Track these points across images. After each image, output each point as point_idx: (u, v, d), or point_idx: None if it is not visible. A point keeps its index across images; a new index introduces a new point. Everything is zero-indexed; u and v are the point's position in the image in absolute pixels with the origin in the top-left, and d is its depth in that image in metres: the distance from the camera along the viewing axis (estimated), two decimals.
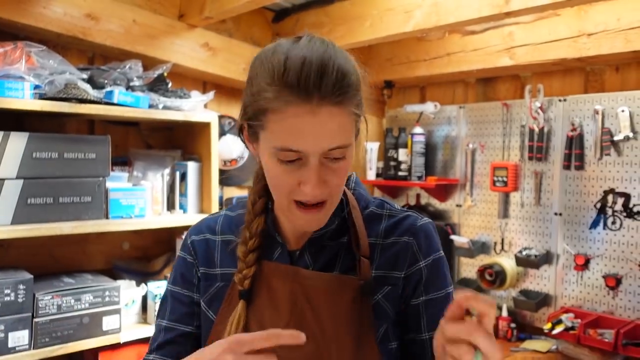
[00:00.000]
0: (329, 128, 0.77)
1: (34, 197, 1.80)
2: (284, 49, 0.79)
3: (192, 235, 1.02)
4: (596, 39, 2.15)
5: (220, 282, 0.97)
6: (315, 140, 0.77)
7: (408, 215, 0.96)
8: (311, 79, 0.75)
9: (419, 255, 0.93)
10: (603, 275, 2.23)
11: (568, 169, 2.34)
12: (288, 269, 0.92)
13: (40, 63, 1.84)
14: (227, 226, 1.01)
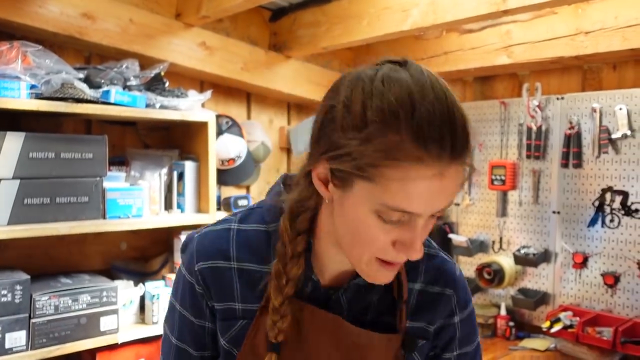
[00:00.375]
0: (451, 189, 0.69)
1: (31, 197, 1.79)
2: (402, 85, 0.67)
3: (200, 262, 0.86)
4: (594, 37, 2.15)
5: (242, 320, 0.85)
6: (435, 203, 0.68)
7: (445, 261, 0.91)
8: (445, 135, 0.65)
9: (456, 310, 0.89)
10: (601, 273, 2.23)
11: (566, 167, 2.33)
12: (328, 319, 0.83)
13: (36, 63, 1.83)
14: (243, 248, 0.86)
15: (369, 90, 0.68)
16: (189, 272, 0.87)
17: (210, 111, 2.26)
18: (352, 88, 0.70)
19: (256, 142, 2.61)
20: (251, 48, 2.58)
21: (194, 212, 2.25)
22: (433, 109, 0.65)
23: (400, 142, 0.65)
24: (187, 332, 0.90)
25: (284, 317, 0.80)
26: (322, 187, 0.75)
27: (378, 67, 0.72)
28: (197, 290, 0.87)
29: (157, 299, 2.05)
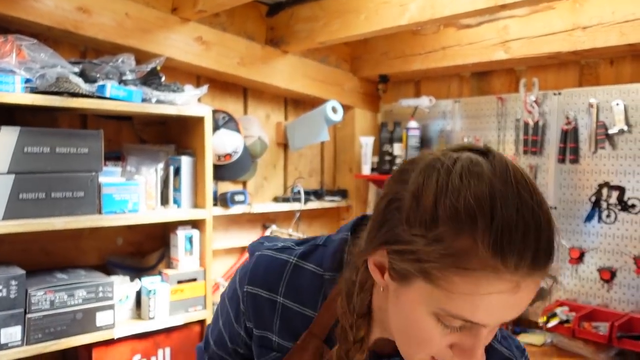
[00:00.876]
0: (525, 302, 0.62)
1: (26, 192, 1.78)
2: (483, 182, 0.60)
3: (249, 286, 0.87)
4: (591, 33, 2.14)
5: (276, 353, 0.86)
6: (505, 316, 0.62)
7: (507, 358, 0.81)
8: (527, 244, 0.58)
9: None
10: (598, 268, 2.24)
11: (563, 163, 2.33)
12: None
13: (31, 56, 1.81)
14: (294, 287, 0.84)
15: (444, 184, 0.61)
16: (239, 286, 0.89)
17: (206, 106, 2.25)
18: (425, 178, 0.63)
19: (253, 138, 2.60)
20: (248, 43, 2.57)
21: (191, 208, 2.24)
22: (516, 214, 0.58)
23: (474, 249, 0.58)
24: (227, 324, 0.94)
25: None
26: (377, 275, 0.70)
27: (457, 154, 0.64)
28: (240, 307, 0.89)
29: (153, 294, 2.05)
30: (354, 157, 3.07)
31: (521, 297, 0.60)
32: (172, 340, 2.12)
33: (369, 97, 3.12)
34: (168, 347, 2.11)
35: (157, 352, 2.08)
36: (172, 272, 2.14)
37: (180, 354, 2.14)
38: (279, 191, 2.92)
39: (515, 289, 0.59)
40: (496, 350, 0.80)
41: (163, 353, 2.10)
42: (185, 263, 2.19)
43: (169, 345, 2.11)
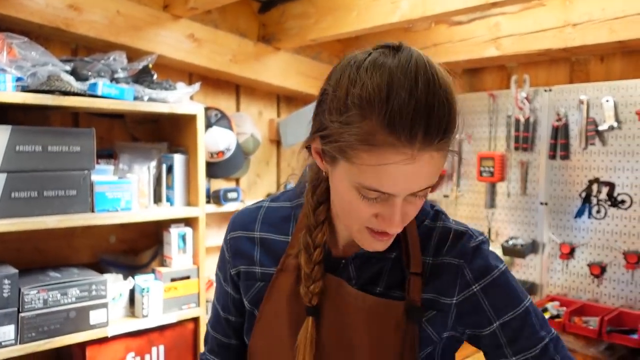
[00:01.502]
0: (425, 173, 0.71)
1: (18, 191, 1.78)
2: (384, 73, 0.70)
3: (231, 233, 1.00)
4: (581, 29, 2.16)
5: (260, 282, 0.94)
6: (408, 185, 0.72)
7: (461, 233, 0.88)
8: (418, 122, 0.67)
9: (471, 279, 0.85)
10: (588, 263, 2.26)
11: (553, 159, 2.35)
12: (332, 280, 0.87)
13: (22, 55, 1.81)
14: (267, 222, 0.97)
15: (354, 77, 0.72)
16: (224, 242, 1.01)
17: (199, 103, 2.25)
18: (341, 73, 0.75)
19: (245, 135, 2.61)
20: (240, 40, 2.57)
21: (183, 205, 2.24)
22: (409, 97, 0.68)
23: (375, 129, 0.69)
24: (219, 293, 1.04)
25: (316, 282, 0.86)
26: (319, 160, 0.82)
27: (371, 51, 0.76)
28: (226, 256, 1.00)
29: (147, 292, 2.05)
30: None
31: (421, 168, 0.70)
32: (166, 338, 2.13)
33: None
34: (162, 344, 2.11)
35: (151, 349, 2.09)
36: (165, 270, 2.15)
37: (174, 351, 2.15)
38: (272, 188, 2.92)
39: (410, 159, 0.69)
40: (448, 228, 0.89)
41: (157, 351, 2.10)
42: (178, 261, 2.19)
43: (163, 343, 2.12)
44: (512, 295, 0.86)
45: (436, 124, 0.68)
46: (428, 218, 0.90)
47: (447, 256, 0.86)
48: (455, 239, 0.87)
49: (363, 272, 0.88)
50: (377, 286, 0.87)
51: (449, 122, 0.70)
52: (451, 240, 0.87)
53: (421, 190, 0.74)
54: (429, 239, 0.88)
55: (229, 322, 1.04)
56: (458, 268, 0.85)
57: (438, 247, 0.87)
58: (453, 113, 0.71)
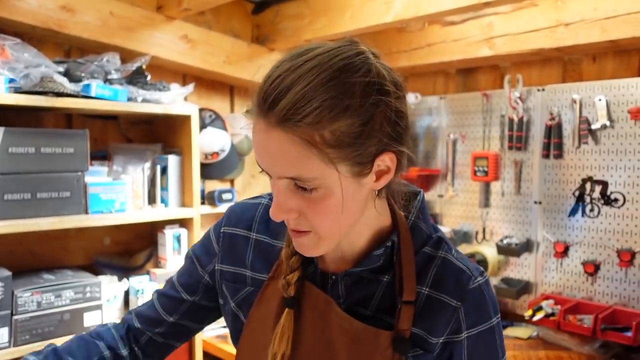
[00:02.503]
0: (275, 152, 0.71)
1: (11, 192, 1.77)
2: (276, 67, 0.74)
3: (226, 226, 0.97)
4: (573, 29, 2.17)
5: (250, 287, 0.93)
6: (268, 161, 0.73)
7: (461, 270, 0.83)
8: (268, 97, 0.70)
9: (463, 324, 0.81)
10: (582, 262, 2.27)
11: (547, 158, 2.36)
12: (320, 297, 0.85)
13: (14, 56, 1.80)
14: (265, 223, 0.94)
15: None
16: (214, 231, 0.99)
17: (193, 104, 2.25)
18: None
19: (240, 136, 2.60)
20: (234, 41, 2.57)
21: (178, 207, 2.24)
22: (268, 77, 0.72)
23: (251, 102, 0.74)
24: (187, 275, 1.01)
25: (293, 272, 0.85)
26: None
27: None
28: (214, 248, 0.98)
29: (141, 294, 2.04)
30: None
31: (270, 144, 0.71)
32: None
33: None
34: None
35: None
36: (160, 272, 2.14)
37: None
38: (266, 189, 2.89)
39: (265, 132, 0.71)
40: (450, 262, 0.84)
41: None
42: (173, 262, 2.19)
43: None
44: (492, 352, 0.85)
45: (283, 104, 0.69)
46: (429, 245, 0.86)
47: (446, 294, 0.82)
48: (456, 276, 0.83)
49: (353, 292, 0.85)
50: (366, 309, 0.84)
51: (300, 108, 0.68)
52: (451, 276, 0.83)
53: (290, 178, 0.72)
54: (427, 268, 0.84)
55: (183, 301, 1.00)
56: (455, 310, 0.81)
57: (437, 280, 0.83)
58: (308, 98, 0.68)
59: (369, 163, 0.74)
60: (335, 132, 0.69)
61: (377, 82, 0.74)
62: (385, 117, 0.74)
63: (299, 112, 0.68)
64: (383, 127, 0.73)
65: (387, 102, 0.74)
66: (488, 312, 0.83)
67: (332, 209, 0.74)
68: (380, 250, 0.83)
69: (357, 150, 0.72)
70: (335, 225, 0.76)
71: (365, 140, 0.72)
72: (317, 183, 0.72)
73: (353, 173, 0.73)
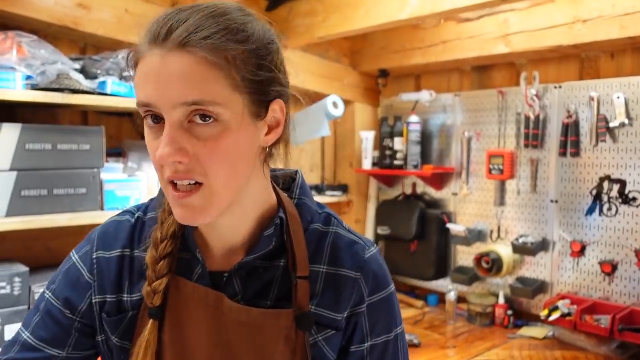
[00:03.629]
0: (178, 74, 0.66)
1: (28, 189, 1.78)
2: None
3: (100, 251, 0.84)
4: (591, 26, 2.14)
5: (131, 312, 0.82)
6: (163, 88, 0.66)
7: (354, 242, 0.84)
8: (169, 23, 0.68)
9: (365, 293, 0.82)
10: (599, 261, 2.24)
11: (564, 156, 2.34)
12: (209, 294, 0.78)
13: (31, 53, 1.81)
14: (139, 238, 0.84)
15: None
16: (81, 260, 0.85)
17: None
18: None
19: None
20: None
21: None
22: (160, 16, 0.70)
23: (139, 44, 0.70)
24: (47, 327, 0.83)
25: (160, 278, 0.77)
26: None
27: None
28: (83, 279, 0.83)
29: None
30: (354, 152, 3.07)
31: (171, 69, 0.66)
32: None
33: (369, 92, 3.11)
34: None
35: None
36: None
37: None
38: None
39: (161, 57, 0.67)
40: (342, 235, 0.84)
41: None
42: None
43: None
44: (390, 319, 0.85)
45: (186, 26, 0.67)
46: (318, 222, 0.84)
47: (344, 268, 0.81)
48: (351, 249, 0.83)
49: (249, 285, 0.79)
50: (266, 300, 0.79)
51: (201, 31, 0.67)
52: (346, 249, 0.83)
53: (188, 105, 0.66)
54: (321, 245, 0.82)
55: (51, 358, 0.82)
56: (355, 282, 0.81)
57: (333, 256, 0.82)
58: (212, 27, 0.68)
59: (265, 105, 0.73)
60: (238, 57, 0.69)
61: (270, 29, 0.76)
62: (279, 60, 0.75)
63: (200, 34, 0.67)
64: (278, 68, 0.74)
65: (279, 47, 0.76)
66: (385, 278, 0.84)
67: (229, 150, 0.69)
68: (270, 229, 0.78)
69: (258, 84, 0.71)
70: (230, 174, 0.71)
71: (265, 73, 0.72)
72: (218, 112, 0.67)
73: (251, 112, 0.71)
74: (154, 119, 0.70)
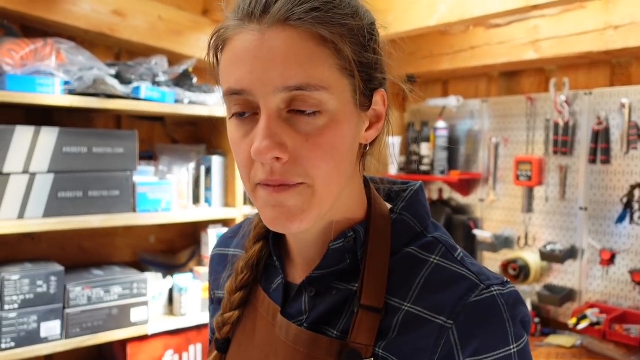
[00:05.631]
0: (281, 54, 0.56)
1: (64, 190, 1.84)
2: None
3: (215, 247, 0.88)
4: (623, 32, 2.12)
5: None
6: (261, 70, 0.56)
7: (462, 277, 0.62)
8: (259, 1, 0.58)
9: (457, 350, 0.59)
10: (629, 270, 2.21)
11: (594, 163, 2.31)
12: (270, 307, 0.70)
13: (69, 59, 1.87)
14: (245, 236, 0.80)
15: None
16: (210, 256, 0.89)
17: None
18: None
19: None
20: None
21: (222, 207, 2.28)
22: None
23: (227, 28, 0.61)
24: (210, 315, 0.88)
25: (233, 310, 0.73)
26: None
27: None
28: (210, 273, 0.88)
29: (185, 292, 2.09)
30: (380, 157, 3.07)
31: (271, 47, 0.56)
32: (203, 337, 2.16)
33: (396, 97, 3.10)
34: (199, 343, 2.15)
35: (189, 348, 2.12)
36: (203, 270, 2.18)
37: None
38: None
39: (260, 34, 0.57)
40: (445, 268, 0.64)
41: (194, 349, 2.14)
42: None
43: (201, 341, 2.15)
44: None
45: (282, 1, 0.57)
46: (417, 245, 0.66)
47: (430, 309, 0.61)
48: (453, 286, 0.61)
49: (318, 304, 0.66)
50: (333, 328, 0.65)
51: (304, 4, 0.57)
52: (446, 285, 0.62)
53: (292, 90, 0.56)
54: (413, 276, 0.64)
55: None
56: (442, 331, 0.59)
57: (425, 292, 0.62)
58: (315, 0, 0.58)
59: (370, 94, 0.63)
60: (346, 34, 0.59)
61: (370, 12, 0.67)
62: (380, 40, 0.66)
63: (305, 7, 0.57)
64: (380, 56, 0.65)
65: (379, 32, 0.67)
66: (503, 334, 0.59)
67: (334, 147, 0.59)
68: (339, 242, 0.65)
69: (367, 67, 0.61)
70: (334, 174, 0.60)
71: (371, 55, 0.62)
72: (324, 99, 0.57)
73: (357, 101, 0.61)
74: (242, 112, 0.60)
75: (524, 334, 0.61)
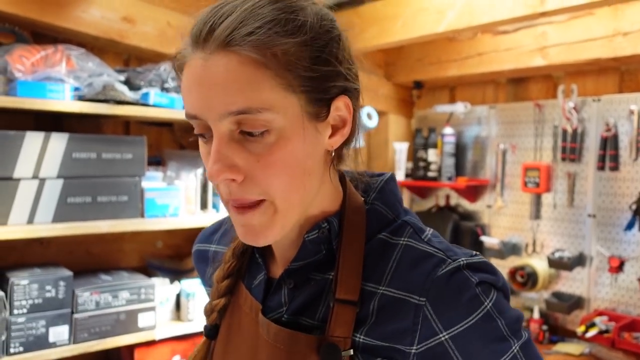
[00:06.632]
0: (222, 80, 0.58)
1: (74, 196, 1.85)
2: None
3: (196, 244, 0.89)
4: (632, 39, 2.11)
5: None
6: (207, 95, 0.59)
7: (428, 255, 0.64)
8: (210, 21, 0.60)
9: (436, 325, 0.61)
10: (638, 277, 2.20)
11: (602, 170, 2.30)
12: (253, 304, 0.72)
13: (79, 65, 1.88)
14: (228, 233, 0.83)
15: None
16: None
17: None
18: None
19: None
20: None
21: None
22: (202, 14, 0.62)
23: (182, 49, 0.64)
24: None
25: (221, 297, 0.75)
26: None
27: None
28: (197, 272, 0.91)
29: (192, 297, 2.09)
30: (387, 163, 3.07)
31: (214, 73, 0.58)
32: None
33: (403, 103, 3.12)
34: None
35: None
36: None
37: None
38: None
39: (203, 60, 0.59)
40: (413, 248, 0.66)
41: None
42: None
43: None
44: (497, 344, 0.62)
45: (231, 24, 0.59)
46: (387, 230, 0.69)
47: (405, 290, 0.63)
48: (420, 264, 0.64)
49: (297, 296, 0.68)
50: (311, 318, 0.67)
51: (245, 26, 0.58)
52: (414, 264, 0.64)
53: (236, 114, 0.58)
54: (385, 260, 0.66)
55: None
56: (417, 310, 0.62)
57: (397, 274, 0.64)
58: (257, 20, 0.59)
59: (326, 103, 0.63)
60: (288, 52, 0.59)
61: (329, 15, 0.66)
62: (341, 49, 0.65)
63: (244, 30, 0.58)
64: (339, 60, 0.64)
65: (340, 34, 0.66)
66: (471, 299, 0.61)
67: (287, 163, 0.61)
68: (313, 233, 0.67)
69: (316, 81, 0.61)
70: (292, 189, 0.62)
71: (323, 67, 0.62)
72: (269, 119, 0.59)
73: (309, 113, 0.62)
74: (202, 134, 0.63)
75: (492, 291, 0.63)
